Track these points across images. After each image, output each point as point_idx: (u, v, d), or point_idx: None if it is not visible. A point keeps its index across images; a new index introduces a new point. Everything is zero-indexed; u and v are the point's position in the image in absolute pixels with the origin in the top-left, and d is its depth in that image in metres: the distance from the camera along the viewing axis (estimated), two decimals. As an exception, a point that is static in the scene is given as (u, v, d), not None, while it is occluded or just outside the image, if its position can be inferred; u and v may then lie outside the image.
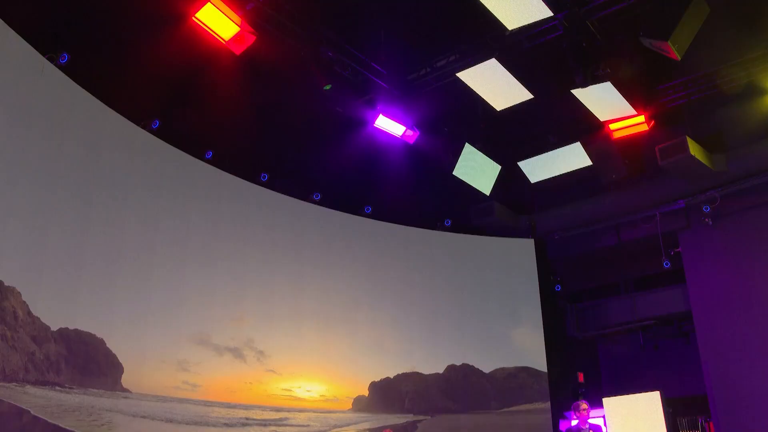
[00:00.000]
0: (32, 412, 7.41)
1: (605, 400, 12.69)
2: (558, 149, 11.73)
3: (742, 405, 8.49)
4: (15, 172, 7.63)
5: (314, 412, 11.00)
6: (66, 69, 8.37)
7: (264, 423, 10.28)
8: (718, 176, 11.61)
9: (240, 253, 10.56)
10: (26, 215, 7.71)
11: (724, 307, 12.12)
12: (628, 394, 12.50)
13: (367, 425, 11.53)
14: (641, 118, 10.97)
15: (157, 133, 9.74)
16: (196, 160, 10.30)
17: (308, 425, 10.83)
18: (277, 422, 10.46)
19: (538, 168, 12.07)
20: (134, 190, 9.18)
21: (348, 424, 11.36)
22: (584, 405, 9.29)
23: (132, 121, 9.39)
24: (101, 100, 8.89)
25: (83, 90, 8.64)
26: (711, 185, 11.87)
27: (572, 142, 11.57)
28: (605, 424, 12.48)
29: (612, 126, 11.21)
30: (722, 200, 11.96)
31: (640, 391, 12.29)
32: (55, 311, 7.84)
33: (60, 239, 8.06)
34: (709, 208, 12.02)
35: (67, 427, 7.76)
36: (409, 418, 12.13)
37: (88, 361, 8.22)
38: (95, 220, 8.55)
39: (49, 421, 7.57)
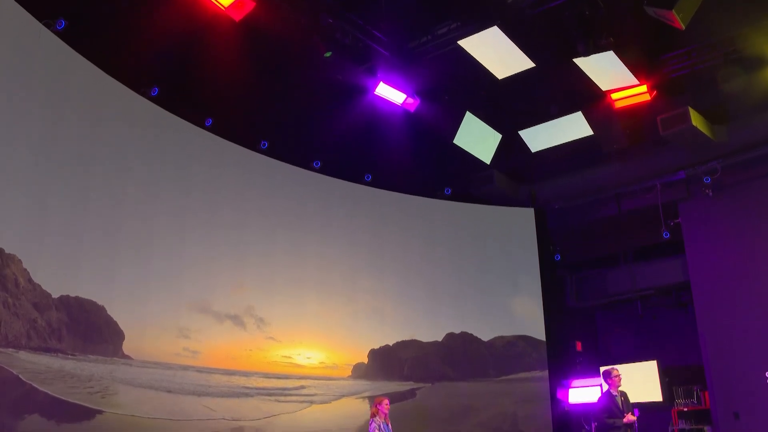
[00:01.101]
0: (33, 384, 7.46)
1: (602, 369, 12.78)
2: (559, 118, 11.69)
3: (737, 375, 8.58)
4: (14, 140, 7.61)
5: (314, 379, 11.08)
6: (63, 35, 8.30)
7: (264, 390, 10.36)
8: (719, 147, 11.56)
9: (240, 221, 10.56)
10: (26, 183, 7.70)
11: (722, 278, 12.14)
12: (625, 363, 12.59)
13: (366, 392, 11.63)
14: (643, 88, 10.89)
15: (157, 101, 9.68)
16: (196, 128, 10.26)
17: (308, 392, 10.92)
18: (277, 389, 10.54)
19: (539, 137, 12.03)
20: (134, 157, 9.16)
21: (347, 391, 11.46)
22: (616, 371, 9.33)
23: (131, 88, 9.33)
24: (99, 67, 8.83)
25: (81, 57, 8.58)
26: (712, 156, 11.82)
27: (573, 112, 11.52)
28: (602, 393, 12.60)
29: (614, 95, 11.14)
30: (723, 171, 11.93)
31: (637, 361, 12.40)
32: (55, 279, 7.87)
33: (60, 207, 8.06)
34: (710, 179, 12.00)
35: (69, 398, 7.81)
36: (408, 385, 12.23)
37: (89, 328, 8.27)
38: (95, 187, 8.54)
39: (50, 392, 7.61)
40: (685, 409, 13.22)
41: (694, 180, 12.34)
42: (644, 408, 12.25)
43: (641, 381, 12.12)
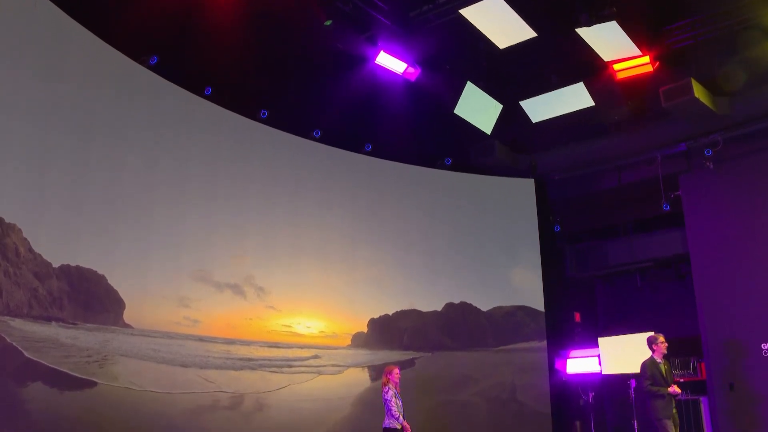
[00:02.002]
0: (34, 354, 7.50)
1: (601, 340, 12.88)
2: (560, 89, 11.61)
3: (734, 347, 8.64)
4: (13, 109, 7.57)
5: (313, 348, 11.15)
6: (60, 3, 8.21)
7: (264, 360, 10.43)
8: (721, 119, 11.52)
9: (240, 190, 10.55)
10: (25, 153, 7.68)
11: (721, 250, 12.17)
12: (623, 334, 12.67)
13: (366, 361, 11.71)
14: (646, 59, 10.82)
15: (156, 69, 9.61)
16: (195, 97, 10.20)
17: (307, 361, 10.99)
18: (277, 359, 10.61)
19: (540, 108, 11.97)
20: (133, 126, 9.11)
21: (347, 360, 11.53)
22: (662, 338, 9.15)
23: (129, 56, 9.26)
24: (98, 35, 8.74)
25: (79, 25, 8.50)
26: (714, 128, 11.78)
27: (575, 82, 11.44)
28: (600, 363, 12.70)
29: (616, 66, 11.07)
30: (724, 144, 11.89)
31: (635, 332, 12.45)
32: (56, 248, 7.88)
33: (59, 176, 8.04)
34: (711, 151, 11.96)
35: (70, 368, 7.87)
36: (408, 354, 12.31)
37: (90, 297, 8.29)
38: (94, 157, 8.52)
39: (51, 363, 7.66)
40: (682, 380, 13.30)
41: (695, 152, 12.31)
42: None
43: (639, 352, 12.16)
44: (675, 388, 8.83)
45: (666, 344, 9.15)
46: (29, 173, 7.69)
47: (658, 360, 9.09)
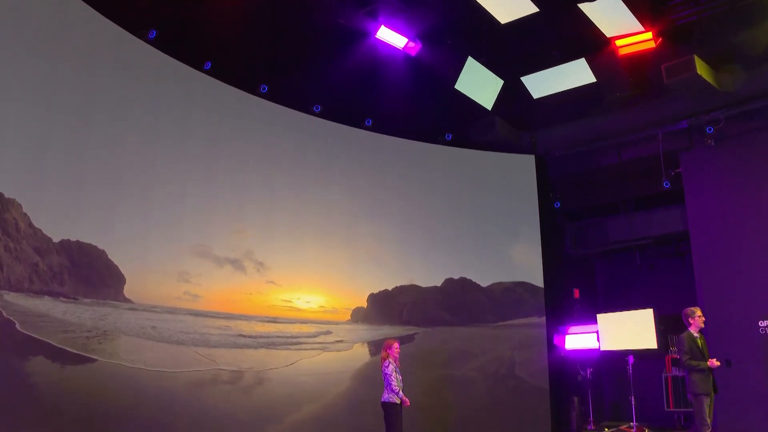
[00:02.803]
0: (33, 326, 7.54)
1: (599, 316, 12.95)
2: (562, 65, 11.55)
3: (732, 324, 8.67)
4: (11, 84, 7.54)
5: (313, 323, 11.20)
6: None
7: (264, 335, 10.48)
8: (723, 97, 11.46)
9: (240, 165, 10.53)
10: (24, 128, 7.65)
11: (721, 228, 12.18)
12: (622, 311, 12.73)
13: (365, 336, 11.76)
14: (648, 35, 10.72)
15: (154, 44, 9.55)
16: (195, 71, 10.14)
17: (307, 336, 11.05)
18: (277, 333, 10.66)
19: (542, 84, 11.92)
20: (132, 100, 9.08)
21: (347, 335, 11.59)
22: (699, 311, 8.96)
23: (128, 30, 9.19)
24: (96, 9, 8.67)
25: (77, -1, 8.44)
26: (716, 106, 11.73)
27: (577, 58, 11.38)
28: (598, 339, 12.78)
29: (618, 42, 10.97)
30: (726, 121, 11.85)
31: (634, 309, 12.52)
32: (56, 223, 7.89)
33: (58, 151, 8.03)
34: (713, 129, 11.92)
35: (71, 344, 7.91)
36: (407, 329, 12.37)
37: (90, 272, 8.32)
38: (94, 131, 8.49)
39: (51, 341, 7.69)
40: (679, 357, 13.40)
41: (696, 130, 12.28)
42: (639, 355, 12.48)
43: (637, 329, 12.27)
44: (714, 362, 8.64)
45: (703, 318, 8.97)
46: (29, 148, 7.68)
47: (695, 334, 8.92)
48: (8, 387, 7.16)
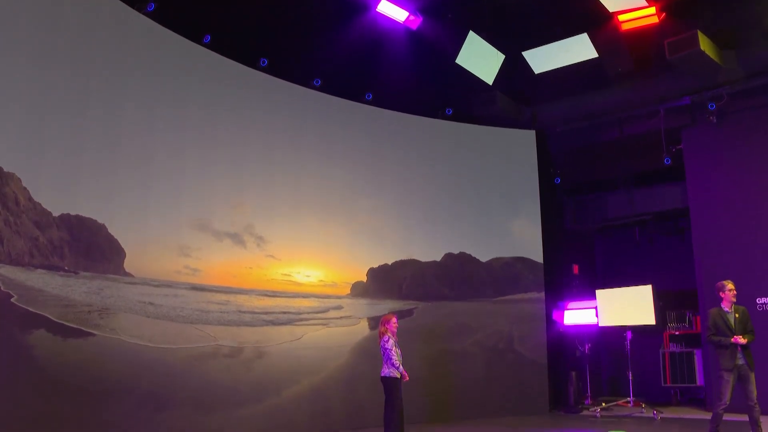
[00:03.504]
0: (34, 300, 7.56)
1: (598, 292, 12.99)
2: (564, 40, 11.49)
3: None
4: (10, 58, 7.49)
5: (313, 297, 11.23)
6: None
7: (264, 309, 10.52)
8: (726, 73, 11.41)
9: (239, 139, 10.49)
10: (23, 102, 7.61)
11: (721, 205, 12.19)
12: (621, 286, 12.77)
13: (365, 310, 11.80)
14: (652, 10, 10.66)
15: (153, 17, 9.46)
16: (194, 45, 10.06)
17: (307, 310, 11.09)
18: (277, 307, 10.69)
19: (543, 58, 11.87)
20: (131, 75, 9.01)
21: (346, 309, 11.63)
22: (730, 285, 8.59)
23: (126, 3, 9.11)
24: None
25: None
26: (718, 82, 11.68)
27: (579, 33, 11.31)
28: (597, 315, 12.83)
29: (621, 17, 10.92)
30: (729, 98, 11.81)
31: (632, 285, 12.56)
32: (55, 197, 7.87)
33: (57, 126, 7.99)
34: (715, 105, 11.88)
35: (70, 320, 7.94)
36: (406, 304, 12.41)
37: (90, 246, 8.32)
38: (92, 106, 8.45)
39: (51, 316, 7.72)
40: (677, 333, 13.51)
41: (698, 106, 12.23)
42: (637, 331, 12.54)
43: (636, 305, 12.31)
44: (737, 338, 8.22)
45: (734, 291, 8.54)
46: (27, 123, 7.64)
47: (726, 309, 8.54)
48: (11, 359, 7.19)
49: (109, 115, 8.64)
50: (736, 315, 8.44)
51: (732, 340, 8.26)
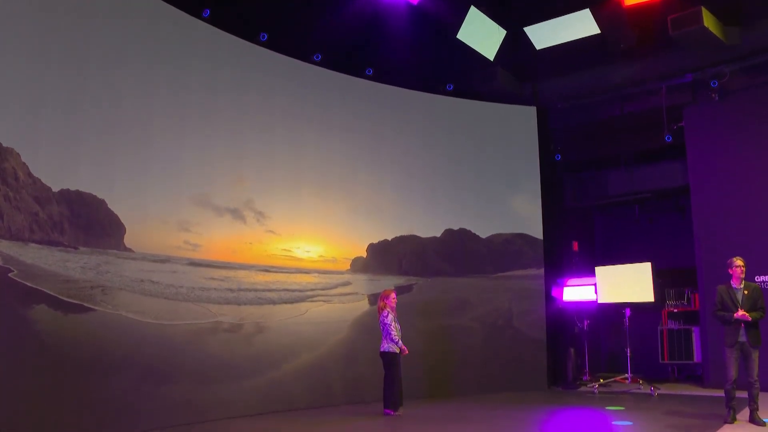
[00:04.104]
0: (35, 275, 7.58)
1: (597, 269, 13.02)
2: (566, 15, 11.41)
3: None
4: (7, 32, 7.43)
5: (313, 272, 11.26)
6: None
7: (264, 284, 10.55)
8: (730, 50, 11.34)
9: (239, 114, 10.44)
10: (21, 77, 7.56)
11: (721, 183, 12.18)
12: (620, 264, 12.80)
13: (365, 286, 11.84)
14: (655, -15, 10.60)
15: (152, -10, 9.39)
16: (194, 19, 9.97)
17: (307, 285, 11.12)
18: (277, 282, 10.72)
19: (545, 34, 11.80)
20: (130, 50, 8.93)
21: (345, 284, 11.67)
22: (739, 261, 8.52)
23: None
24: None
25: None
26: (722, 59, 11.61)
27: (581, 8, 11.24)
28: (596, 292, 12.87)
29: (624, -7, 10.86)
30: (732, 75, 11.75)
31: (632, 262, 12.59)
32: (55, 173, 7.84)
33: (56, 100, 7.94)
34: (717, 83, 11.83)
35: (70, 296, 7.96)
36: (406, 279, 12.45)
37: (90, 222, 8.31)
38: (91, 80, 8.38)
39: (51, 292, 7.74)
40: (675, 310, 13.56)
41: (700, 84, 12.18)
42: (636, 308, 12.59)
43: (635, 282, 12.35)
44: (739, 313, 8.22)
45: (741, 267, 8.48)
46: (26, 98, 7.60)
47: (735, 285, 8.49)
48: (12, 335, 7.22)
49: (108, 90, 8.58)
50: (745, 292, 8.43)
51: (735, 316, 8.29)
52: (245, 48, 10.67)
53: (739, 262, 8.54)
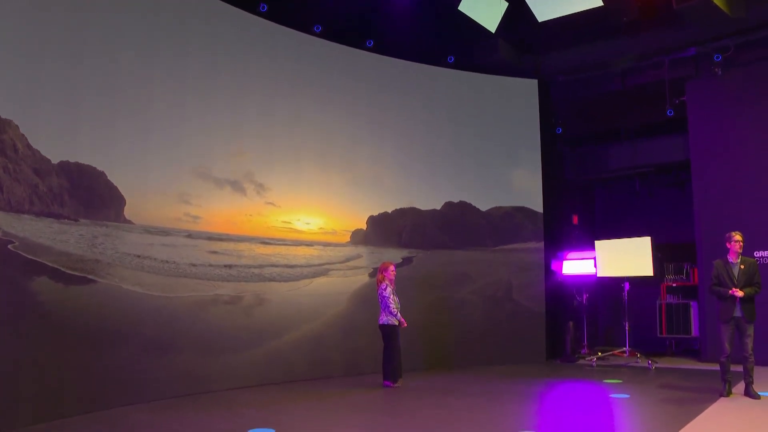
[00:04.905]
0: (35, 247, 7.58)
1: (597, 243, 13.03)
2: (569, -13, 11.29)
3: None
4: (7, 4, 7.37)
5: (312, 244, 11.28)
6: None
7: (264, 256, 10.57)
8: (734, 23, 11.24)
9: (239, 85, 10.39)
10: (18, 47, 7.50)
11: (722, 158, 12.16)
12: (620, 238, 12.82)
13: (364, 258, 11.87)
14: (660, -43, 10.48)
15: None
16: (193, -11, 9.91)
17: (307, 257, 11.15)
18: (277, 255, 10.75)
19: (547, 6, 11.64)
20: (128, 20, 8.85)
21: (346, 257, 11.69)
22: (737, 236, 8.55)
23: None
24: None
25: None
26: (726, 33, 11.51)
27: (584, -20, 11.11)
28: (595, 265, 12.90)
29: (628, -36, 10.75)
30: (735, 49, 11.66)
31: (631, 236, 12.60)
32: (54, 145, 7.81)
33: (54, 71, 7.88)
34: (721, 57, 11.75)
35: (71, 268, 7.97)
36: (406, 252, 12.47)
37: (90, 194, 8.30)
38: (89, 51, 8.32)
39: (53, 264, 7.76)
40: (674, 285, 13.60)
41: (703, 58, 12.11)
42: (635, 282, 12.63)
43: (634, 256, 12.37)
44: (735, 291, 8.32)
45: (740, 243, 8.52)
46: (24, 68, 7.53)
47: (731, 260, 8.56)
48: (14, 306, 7.24)
49: (107, 62, 8.53)
50: (742, 267, 8.49)
51: (729, 292, 8.37)
52: (245, 19, 10.59)
53: (737, 237, 8.58)
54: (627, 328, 12.62)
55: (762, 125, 11.67)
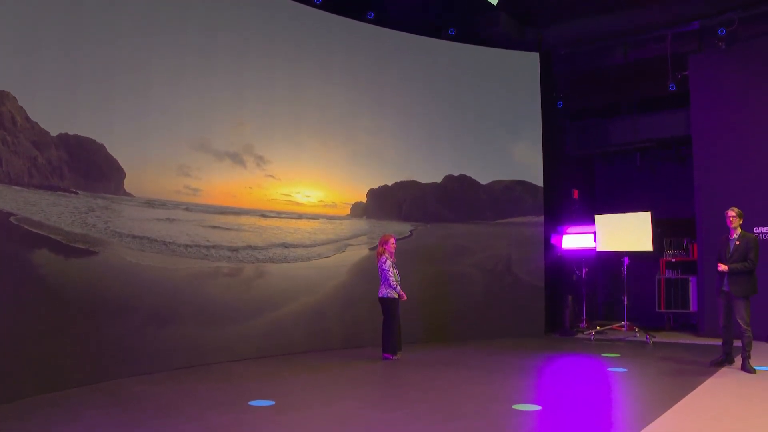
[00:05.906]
0: (34, 220, 7.58)
1: (597, 218, 13.03)
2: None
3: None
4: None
5: (312, 217, 11.27)
6: None
7: (264, 228, 10.57)
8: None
9: (239, 58, 10.31)
10: (17, 19, 7.44)
11: (724, 133, 12.12)
12: (620, 212, 12.82)
13: (364, 231, 11.88)
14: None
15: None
16: (192, -40, 9.80)
17: (306, 229, 11.15)
18: (277, 227, 10.75)
19: (550, -23, 11.59)
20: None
21: (346, 229, 11.70)
22: (732, 212, 8.67)
23: None
24: None
25: None
26: (730, 6, 11.41)
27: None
28: (595, 240, 12.91)
29: (632, -65, 10.62)
30: (740, 23, 11.56)
31: (631, 211, 12.60)
32: (53, 117, 7.77)
33: (53, 44, 7.82)
34: (725, 31, 11.64)
35: (71, 240, 7.98)
36: (406, 225, 12.48)
37: (90, 166, 8.28)
38: (88, 23, 8.25)
39: (53, 236, 7.75)
40: (674, 260, 13.63)
41: (707, 32, 12.00)
42: (634, 257, 12.65)
43: (634, 231, 12.38)
44: (721, 266, 8.60)
45: (735, 218, 8.64)
46: (22, 40, 7.48)
47: (732, 236, 8.71)
48: (15, 278, 7.25)
49: (105, 32, 8.46)
50: (737, 242, 8.60)
51: (718, 267, 8.66)
52: (245, -10, 10.49)
53: (730, 212, 8.73)
54: (626, 303, 12.67)
55: (766, 100, 11.61)
